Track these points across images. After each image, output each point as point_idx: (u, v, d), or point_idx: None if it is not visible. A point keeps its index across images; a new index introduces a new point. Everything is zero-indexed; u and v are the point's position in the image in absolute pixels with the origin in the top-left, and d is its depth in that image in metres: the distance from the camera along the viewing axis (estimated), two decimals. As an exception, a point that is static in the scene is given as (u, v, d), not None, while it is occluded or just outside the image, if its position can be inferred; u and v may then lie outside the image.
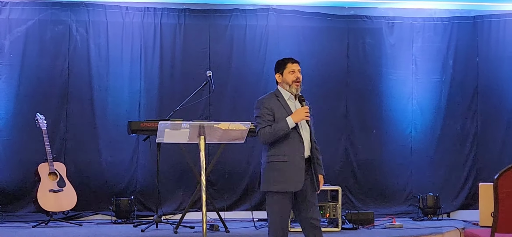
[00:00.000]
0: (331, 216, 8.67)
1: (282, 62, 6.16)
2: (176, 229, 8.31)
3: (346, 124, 10.68)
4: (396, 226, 8.99)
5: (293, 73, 6.05)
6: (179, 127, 5.53)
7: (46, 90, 10.09)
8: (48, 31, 10.16)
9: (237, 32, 10.61)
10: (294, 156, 5.89)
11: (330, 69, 10.67)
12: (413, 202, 10.49)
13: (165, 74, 10.41)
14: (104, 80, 10.25)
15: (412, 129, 10.77)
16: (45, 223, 8.94)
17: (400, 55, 10.81)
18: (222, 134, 5.65)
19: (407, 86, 10.79)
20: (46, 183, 9.03)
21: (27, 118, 9.69)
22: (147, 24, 10.40)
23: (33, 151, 9.68)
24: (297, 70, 6.07)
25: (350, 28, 10.80)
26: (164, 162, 9.40)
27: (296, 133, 5.90)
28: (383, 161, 10.70)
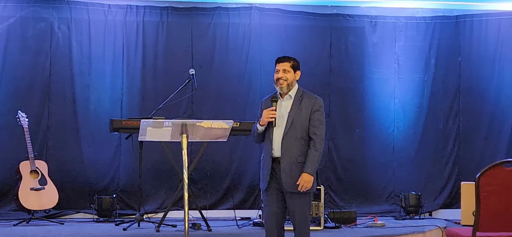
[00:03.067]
0: (314, 215, 8.66)
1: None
2: (158, 227, 8.28)
3: (329, 123, 10.67)
4: (378, 225, 9.01)
5: (277, 73, 6.07)
6: (162, 125, 5.52)
7: (28, 88, 10.04)
8: (30, 28, 10.11)
9: (220, 30, 10.60)
10: (266, 156, 6.02)
11: (312, 67, 10.65)
12: (395, 201, 10.53)
13: (148, 72, 10.39)
14: (86, 78, 10.21)
15: (395, 128, 10.80)
16: (26, 221, 8.89)
17: (383, 54, 10.84)
18: (205, 133, 5.64)
19: (389, 85, 10.82)
20: (28, 181, 8.98)
21: (9, 115, 9.63)
22: (130, 22, 10.37)
23: (15, 149, 9.65)
24: (281, 70, 6.07)
25: (332, 27, 10.82)
26: (147, 161, 9.38)
27: (269, 134, 5.98)
28: (365, 160, 10.73)
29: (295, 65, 6.18)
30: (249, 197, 10.38)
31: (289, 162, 5.91)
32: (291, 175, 5.89)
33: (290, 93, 6.10)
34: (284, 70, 6.08)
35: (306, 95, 6.14)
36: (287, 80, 6.06)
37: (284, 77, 6.05)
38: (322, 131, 6.03)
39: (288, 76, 6.08)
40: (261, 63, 10.56)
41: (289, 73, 6.09)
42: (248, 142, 10.32)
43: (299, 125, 5.96)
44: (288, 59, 6.18)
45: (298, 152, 5.94)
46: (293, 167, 5.90)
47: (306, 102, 6.07)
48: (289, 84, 6.08)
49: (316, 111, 6.04)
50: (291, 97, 6.09)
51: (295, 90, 6.13)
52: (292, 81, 6.11)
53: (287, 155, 5.92)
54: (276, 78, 6.08)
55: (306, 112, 6.01)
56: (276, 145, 5.95)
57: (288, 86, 6.07)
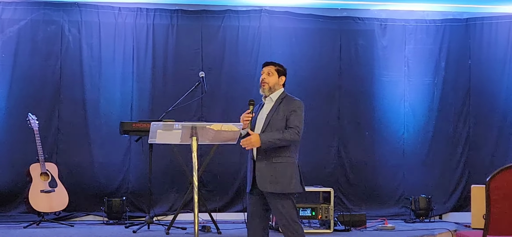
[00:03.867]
0: (323, 217, 8.67)
1: None
2: (168, 230, 8.30)
3: (339, 126, 10.68)
4: (388, 227, 9.00)
5: (261, 76, 6.23)
6: (172, 128, 5.53)
7: (38, 90, 10.06)
8: (41, 31, 10.14)
9: (230, 33, 10.61)
10: (249, 158, 6.16)
11: (322, 70, 10.67)
12: (405, 204, 10.50)
13: (158, 75, 10.40)
14: (96, 81, 10.23)
15: (405, 131, 10.78)
16: (36, 223, 8.92)
17: (393, 57, 10.82)
18: (215, 135, 5.65)
19: (399, 88, 10.80)
20: (38, 183, 9.01)
21: (19, 118, 9.66)
22: (140, 25, 10.39)
23: (25, 151, 9.66)
24: (265, 72, 6.21)
25: (342, 29, 10.80)
26: (156, 163, 9.39)
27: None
28: (375, 163, 10.71)
29: (280, 70, 6.28)
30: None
31: (265, 163, 5.96)
32: (264, 175, 5.95)
33: (271, 96, 6.18)
34: (268, 72, 6.21)
35: (287, 98, 6.21)
36: (269, 83, 6.17)
37: (266, 79, 6.17)
38: (297, 126, 6.02)
39: (271, 80, 6.18)
40: (271, 66, 10.54)
41: (273, 77, 6.20)
42: (258, 144, 10.32)
43: (275, 127, 5.99)
44: (274, 63, 6.31)
45: (274, 154, 5.96)
46: (268, 167, 5.95)
47: (285, 105, 6.13)
48: (271, 87, 6.18)
49: (293, 112, 6.08)
50: (272, 100, 6.18)
51: (277, 93, 6.21)
52: (274, 85, 6.20)
53: (263, 156, 5.97)
54: (260, 80, 6.22)
55: (283, 113, 6.07)
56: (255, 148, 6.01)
57: (270, 89, 6.17)
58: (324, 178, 10.29)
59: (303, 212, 8.65)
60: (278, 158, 5.96)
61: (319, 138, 10.58)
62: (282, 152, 5.98)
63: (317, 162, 10.56)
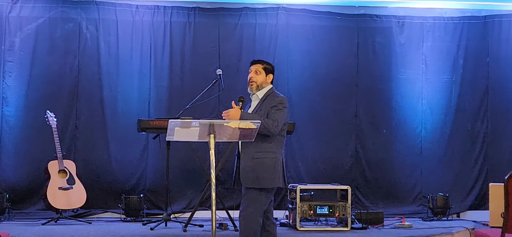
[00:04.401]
0: (341, 215, 8.65)
1: None
2: (185, 227, 8.31)
3: (356, 124, 10.66)
4: (406, 226, 8.96)
5: (249, 74, 6.32)
6: (189, 125, 5.53)
7: (56, 88, 10.11)
8: (58, 29, 10.18)
9: (247, 30, 10.61)
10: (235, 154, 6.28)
11: (339, 68, 10.66)
12: (422, 202, 10.48)
13: (175, 73, 10.42)
14: (114, 78, 10.26)
15: (422, 128, 10.74)
16: (54, 220, 8.95)
17: (410, 55, 10.79)
18: (232, 133, 5.64)
19: (417, 85, 10.76)
20: (56, 180, 9.04)
21: (37, 115, 9.70)
22: (157, 23, 10.41)
23: (43, 148, 9.71)
24: (253, 71, 6.31)
25: (360, 27, 10.78)
26: (174, 161, 9.41)
27: None
28: (393, 161, 10.68)
29: (268, 68, 6.36)
30: (275, 198, 10.31)
31: (247, 158, 6.06)
32: (246, 170, 6.04)
33: (258, 94, 6.27)
34: (256, 71, 6.31)
35: (272, 95, 6.27)
36: (257, 82, 6.26)
37: (254, 78, 6.26)
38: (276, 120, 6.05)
39: (259, 78, 6.28)
40: (288, 63, 10.56)
41: (260, 75, 6.29)
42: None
43: None
44: (261, 61, 6.41)
45: (255, 149, 6.02)
46: (250, 163, 6.03)
47: (268, 101, 6.21)
48: (258, 85, 6.28)
49: (274, 107, 6.14)
50: (258, 97, 6.27)
51: (263, 91, 6.28)
52: (262, 83, 6.29)
53: (246, 152, 6.07)
54: (248, 78, 6.30)
55: (266, 109, 6.14)
56: (240, 144, 6.13)
57: (257, 88, 6.28)
58: (341, 176, 10.29)
59: (320, 209, 8.64)
60: (259, 153, 6.04)
61: (337, 136, 10.57)
62: (263, 147, 6.05)
63: (334, 160, 10.55)
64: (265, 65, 6.33)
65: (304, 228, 8.55)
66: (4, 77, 9.99)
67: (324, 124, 10.60)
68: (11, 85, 10.00)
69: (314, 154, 10.55)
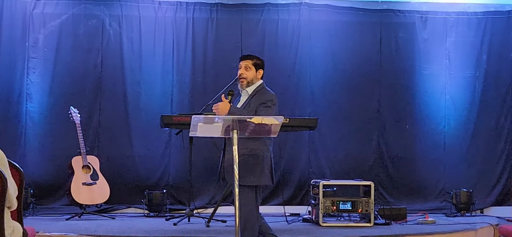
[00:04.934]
0: (364, 211, 8.64)
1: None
2: (208, 222, 8.33)
3: (379, 119, 10.64)
4: (429, 222, 8.92)
5: (239, 70, 6.27)
6: (212, 121, 5.54)
7: (80, 84, 10.16)
8: (82, 25, 10.24)
9: (269, 26, 10.61)
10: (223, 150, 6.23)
11: (362, 64, 10.64)
12: (446, 198, 10.43)
13: (197, 69, 10.44)
14: (137, 74, 10.30)
15: (446, 124, 10.69)
16: (78, 215, 9.00)
17: (433, 50, 10.74)
18: (255, 128, 5.64)
19: (440, 81, 10.72)
20: (80, 176, 9.10)
21: (61, 112, 9.76)
22: (180, 19, 10.44)
23: (67, 144, 9.76)
24: (243, 67, 6.25)
25: (382, 22, 10.75)
26: (196, 156, 9.43)
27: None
28: (416, 157, 10.64)
29: (258, 63, 6.31)
30: (298, 193, 10.37)
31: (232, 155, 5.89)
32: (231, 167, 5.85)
33: (247, 89, 6.22)
34: (245, 67, 6.25)
35: (261, 91, 6.22)
36: (247, 78, 6.21)
37: (244, 74, 6.21)
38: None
39: (249, 74, 6.23)
40: (311, 59, 10.56)
41: (250, 71, 6.24)
42: (297, 138, 10.33)
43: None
44: (251, 57, 6.34)
45: (242, 145, 5.90)
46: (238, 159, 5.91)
47: (257, 97, 6.17)
48: (249, 81, 6.23)
49: (263, 104, 6.10)
50: (248, 93, 6.23)
51: (253, 87, 6.23)
52: (252, 79, 6.25)
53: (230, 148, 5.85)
54: (238, 75, 6.24)
55: (254, 105, 6.10)
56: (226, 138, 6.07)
57: (248, 84, 6.22)
58: (364, 171, 10.27)
59: (343, 205, 8.62)
60: (245, 150, 5.96)
61: (359, 131, 10.55)
62: (250, 144, 5.99)
63: (357, 156, 10.53)
64: (255, 61, 6.29)
65: (327, 223, 8.54)
66: (28, 73, 10.06)
67: (347, 119, 10.58)
68: (35, 81, 10.06)
69: (337, 149, 10.53)
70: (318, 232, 7.92)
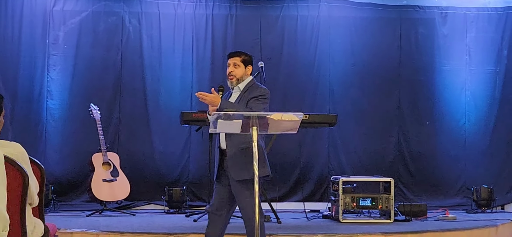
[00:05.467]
0: (384, 207, 8.62)
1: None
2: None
3: (399, 116, 10.61)
4: (449, 218, 8.88)
5: (228, 68, 6.14)
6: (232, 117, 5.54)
7: (100, 81, 10.20)
8: (102, 22, 10.28)
9: (289, 23, 10.61)
10: (215, 147, 6.15)
11: (382, 60, 10.61)
12: (466, 194, 10.39)
13: (217, 65, 10.44)
14: (157, 71, 10.33)
15: (466, 120, 10.65)
16: (99, 212, 9.04)
17: (454, 46, 10.70)
18: (275, 125, 5.63)
19: (460, 77, 10.67)
20: (100, 173, 9.13)
21: (81, 108, 9.79)
22: (199, 15, 10.46)
23: (87, 141, 9.81)
24: (231, 64, 6.12)
25: (402, 18, 10.72)
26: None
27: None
28: (436, 153, 10.61)
29: (246, 59, 6.17)
30: (318, 190, 10.37)
31: (233, 151, 5.92)
32: (235, 162, 5.89)
33: (239, 86, 6.12)
34: (234, 64, 6.11)
35: (253, 87, 6.13)
36: (237, 75, 6.08)
37: (233, 72, 6.08)
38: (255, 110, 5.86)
39: (238, 71, 6.09)
40: (330, 55, 10.55)
41: (239, 68, 6.10)
42: (317, 134, 10.33)
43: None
44: (239, 54, 6.19)
45: (241, 140, 5.89)
46: (238, 154, 5.90)
47: (250, 92, 6.07)
48: (238, 79, 6.09)
49: (254, 98, 6.01)
50: (239, 89, 6.13)
51: (245, 83, 6.12)
52: (242, 76, 6.11)
53: (231, 144, 5.94)
54: (227, 73, 6.12)
55: (246, 99, 6.02)
56: (222, 137, 6.01)
57: (237, 81, 6.10)
58: (384, 168, 10.26)
59: (363, 202, 8.61)
60: (244, 144, 5.89)
61: (379, 127, 10.53)
62: (247, 139, 5.85)
63: (377, 152, 10.52)
64: (243, 57, 6.17)
65: (347, 220, 8.53)
66: (49, 70, 10.12)
67: (366, 115, 10.57)
68: (55, 78, 10.12)
69: (357, 146, 10.52)
70: (338, 228, 7.90)
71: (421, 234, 7.72)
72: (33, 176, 4.35)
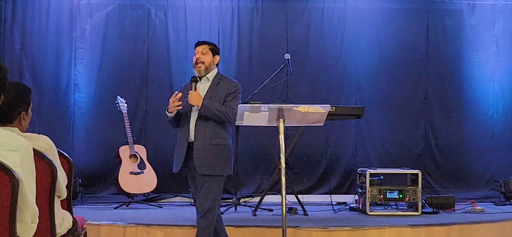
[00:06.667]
0: (411, 200, 8.57)
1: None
2: (255, 211, 8.34)
3: (426, 107, 10.55)
4: (478, 210, 8.82)
5: (195, 56, 6.17)
6: (259, 110, 5.53)
7: (126, 74, 10.24)
8: (128, 15, 10.31)
9: (315, 14, 10.57)
10: (181, 139, 6.10)
11: (409, 51, 10.55)
12: (494, 186, 10.32)
13: (243, 57, 10.45)
14: (183, 64, 10.33)
15: (494, 112, 10.56)
16: (126, 205, 9.08)
17: (481, 37, 10.61)
18: (301, 117, 5.62)
19: (488, 68, 10.58)
20: (127, 165, 9.17)
21: (108, 101, 9.84)
22: (225, 8, 10.45)
23: (114, 134, 9.85)
24: (199, 52, 6.15)
25: (429, 9, 10.64)
26: (243, 145, 9.44)
27: (186, 117, 6.05)
28: (463, 145, 10.53)
29: (214, 49, 6.23)
30: (345, 182, 10.34)
31: (203, 144, 5.92)
32: (204, 157, 5.89)
33: (208, 76, 6.15)
34: (202, 52, 6.15)
35: (225, 79, 6.18)
36: (205, 63, 6.11)
37: (201, 59, 6.11)
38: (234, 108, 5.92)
39: (206, 59, 6.13)
40: (357, 47, 10.50)
41: (207, 56, 6.15)
42: (344, 126, 10.30)
43: None
44: (207, 42, 6.25)
45: (212, 134, 5.92)
46: (206, 149, 5.90)
47: (223, 85, 6.09)
48: (207, 67, 6.13)
49: (231, 93, 6.05)
50: (208, 79, 6.16)
51: (213, 73, 6.18)
52: (210, 64, 6.15)
53: (201, 137, 5.94)
54: (195, 60, 6.14)
55: (221, 94, 6.03)
56: (192, 128, 6.00)
57: (206, 69, 6.13)
58: (411, 160, 10.22)
59: (390, 194, 8.57)
60: (217, 139, 5.94)
61: (406, 119, 10.47)
62: (220, 133, 5.98)
63: (404, 144, 10.47)
64: (211, 46, 6.22)
65: (374, 212, 8.50)
66: (76, 63, 10.17)
67: (393, 107, 10.52)
68: (82, 71, 10.17)
69: (384, 138, 10.48)
70: (365, 220, 7.88)
71: (449, 226, 7.67)
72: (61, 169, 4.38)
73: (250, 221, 7.76)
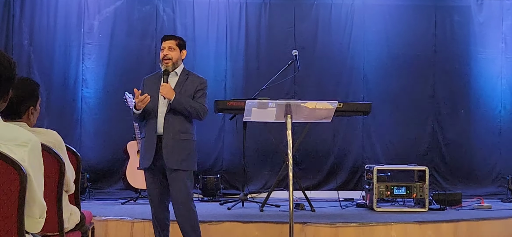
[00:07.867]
0: (418, 196, 8.56)
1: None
2: (262, 207, 8.34)
3: (433, 104, 10.54)
4: (485, 207, 8.82)
5: (162, 51, 6.18)
6: (266, 106, 5.55)
7: (134, 70, 10.22)
8: (136, 11, 10.33)
9: (323, 11, 10.57)
10: (149, 133, 6.05)
11: (416, 47, 10.54)
12: (502, 183, 10.31)
13: (251, 53, 10.46)
14: (191, 60, 10.31)
15: (501, 108, 10.55)
16: (133, 200, 9.11)
17: (489, 34, 10.59)
18: (309, 113, 5.64)
19: (496, 65, 10.57)
20: (135, 161, 9.17)
21: (116, 97, 9.85)
22: (233, 4, 10.46)
23: (122, 129, 9.86)
24: (166, 47, 6.16)
25: (437, 6, 10.63)
26: (250, 141, 9.46)
27: (153, 111, 6.03)
28: (471, 142, 10.52)
29: (181, 43, 6.27)
30: (352, 178, 10.35)
31: (172, 138, 5.95)
32: (173, 151, 5.92)
33: (176, 71, 6.17)
34: (169, 47, 6.17)
35: (192, 75, 6.23)
36: (172, 59, 6.13)
37: (169, 55, 6.12)
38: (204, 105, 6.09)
39: (173, 54, 6.16)
40: (364, 43, 10.50)
41: (175, 51, 6.18)
42: (351, 123, 10.30)
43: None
44: (174, 37, 6.29)
45: (181, 129, 5.96)
46: (175, 144, 5.93)
47: (191, 81, 6.15)
48: (174, 62, 6.15)
49: (200, 90, 6.13)
50: (177, 74, 6.18)
51: (181, 68, 6.21)
52: (177, 60, 6.18)
53: (170, 131, 5.95)
54: (162, 56, 6.14)
55: (191, 90, 6.08)
56: (160, 122, 6.00)
57: (173, 65, 6.15)
58: (418, 156, 10.22)
59: (397, 190, 8.56)
60: (185, 134, 5.99)
61: (413, 116, 10.47)
62: (188, 129, 6.03)
63: (411, 140, 10.46)
64: (178, 41, 6.25)
65: (381, 208, 8.49)
66: (84, 59, 10.19)
67: (401, 104, 10.51)
68: (90, 67, 10.19)
69: (391, 134, 10.48)
70: (372, 217, 7.88)
71: (456, 223, 7.67)
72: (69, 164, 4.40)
73: (257, 217, 7.75)
